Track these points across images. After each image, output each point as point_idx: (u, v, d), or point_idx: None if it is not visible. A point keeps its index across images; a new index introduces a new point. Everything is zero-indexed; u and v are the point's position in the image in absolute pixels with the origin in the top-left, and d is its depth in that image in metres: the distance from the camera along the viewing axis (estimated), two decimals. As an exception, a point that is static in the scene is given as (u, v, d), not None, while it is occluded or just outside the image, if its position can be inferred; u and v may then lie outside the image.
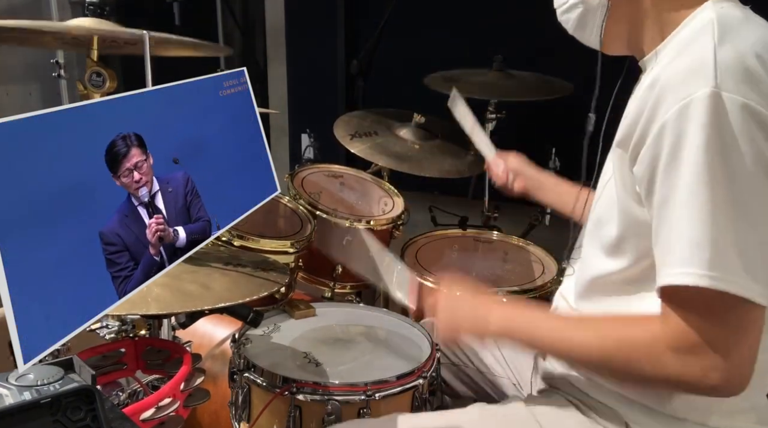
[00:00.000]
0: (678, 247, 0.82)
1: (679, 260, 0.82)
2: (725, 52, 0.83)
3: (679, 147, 0.82)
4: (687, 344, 0.84)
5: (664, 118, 0.83)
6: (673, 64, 0.87)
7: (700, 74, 0.82)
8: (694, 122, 0.80)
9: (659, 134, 0.84)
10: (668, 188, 0.84)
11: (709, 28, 0.86)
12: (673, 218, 0.83)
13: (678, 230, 0.83)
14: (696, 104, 0.80)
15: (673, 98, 0.83)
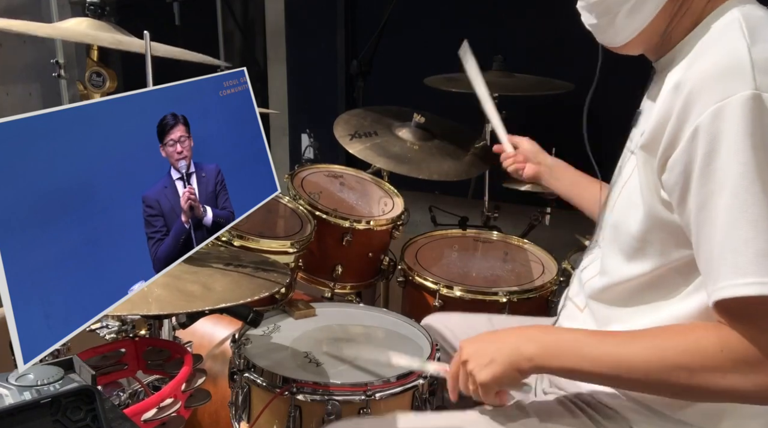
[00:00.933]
0: (735, 256, 0.78)
1: (737, 270, 0.78)
2: (760, 51, 0.80)
3: (716, 151, 0.79)
4: (755, 357, 0.80)
5: (698, 121, 0.80)
6: (700, 64, 0.84)
7: (737, 75, 0.79)
8: (733, 124, 0.77)
9: (692, 138, 0.81)
10: (707, 194, 0.80)
11: (736, 27, 0.84)
12: (720, 224, 0.79)
13: (732, 239, 0.78)
14: (735, 106, 0.77)
15: (707, 100, 0.79)
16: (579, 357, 0.91)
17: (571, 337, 0.96)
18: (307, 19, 3.33)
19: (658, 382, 0.87)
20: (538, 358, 0.93)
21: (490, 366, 0.96)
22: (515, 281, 1.79)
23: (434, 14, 2.91)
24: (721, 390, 0.83)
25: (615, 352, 0.89)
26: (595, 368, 0.90)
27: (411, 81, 2.40)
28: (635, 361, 0.88)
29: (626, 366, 0.88)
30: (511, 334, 0.99)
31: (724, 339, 0.82)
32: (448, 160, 1.99)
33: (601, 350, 0.90)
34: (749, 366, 0.81)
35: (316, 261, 1.87)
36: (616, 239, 1.02)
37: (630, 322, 0.99)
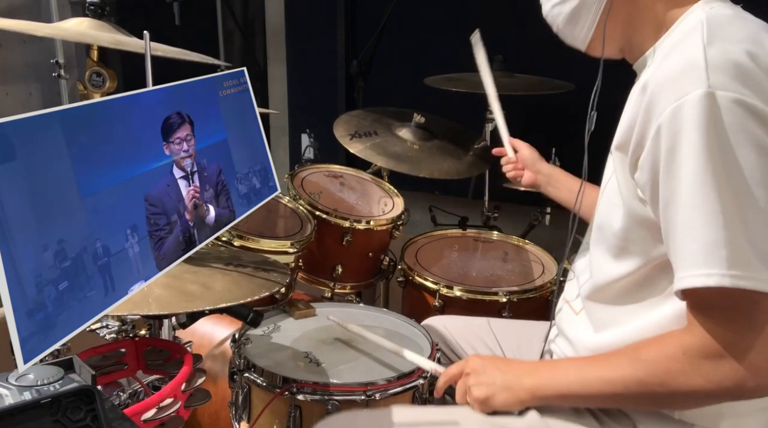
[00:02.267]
0: (692, 248, 0.82)
1: (695, 261, 0.81)
2: (715, 51, 0.83)
3: (676, 149, 0.82)
4: (715, 349, 0.83)
5: (659, 121, 0.83)
6: (663, 66, 0.87)
7: (692, 75, 0.82)
8: (689, 122, 0.80)
9: (655, 138, 0.84)
10: (671, 190, 0.84)
11: (698, 29, 0.87)
12: (681, 219, 0.83)
13: (689, 232, 0.82)
14: (690, 105, 0.80)
15: (666, 101, 0.83)
16: (568, 381, 0.97)
17: (562, 363, 1.05)
18: (307, 19, 3.33)
19: (637, 395, 0.92)
20: (535, 387, 1.00)
21: (489, 387, 1.02)
22: (515, 281, 1.79)
23: (434, 14, 2.91)
24: (693, 391, 0.86)
25: (598, 374, 0.95)
26: (584, 389, 0.96)
27: (411, 81, 2.40)
28: (614, 378, 0.93)
29: (608, 384, 0.93)
30: (515, 364, 1.07)
31: (684, 342, 0.86)
32: (449, 159, 1.99)
33: (587, 370, 0.97)
34: (709, 361, 0.84)
35: (316, 261, 1.87)
36: (601, 239, 1.04)
37: (625, 323, 1.00)
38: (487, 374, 1.03)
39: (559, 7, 1.05)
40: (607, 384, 0.93)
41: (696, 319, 0.85)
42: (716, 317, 0.83)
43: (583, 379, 0.96)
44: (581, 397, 0.98)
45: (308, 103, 3.42)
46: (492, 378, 1.02)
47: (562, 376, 0.98)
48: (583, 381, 0.96)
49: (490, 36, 2.71)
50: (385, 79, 2.80)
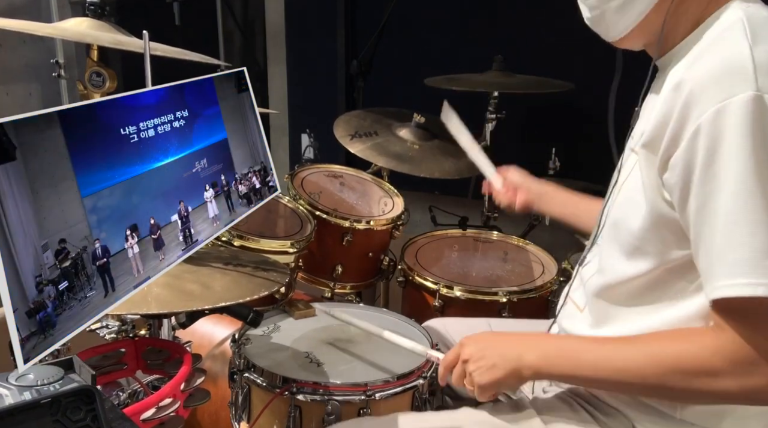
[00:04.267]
0: (734, 257, 0.79)
1: (741, 270, 0.79)
2: (761, 52, 0.80)
3: (717, 151, 0.79)
4: (748, 356, 0.82)
5: (699, 121, 0.80)
6: (702, 64, 0.84)
7: (738, 76, 0.79)
8: (734, 125, 0.78)
9: (693, 138, 0.81)
10: (708, 194, 0.81)
11: (739, 27, 0.84)
12: (721, 224, 0.80)
13: (732, 239, 0.79)
14: (736, 107, 0.78)
15: (708, 101, 0.80)
16: (578, 363, 0.94)
17: (571, 344, 0.99)
18: (307, 19, 3.33)
19: (654, 386, 0.90)
20: (540, 366, 0.96)
21: (491, 371, 0.98)
22: (515, 281, 1.79)
23: (434, 14, 2.90)
24: (715, 392, 0.85)
25: (612, 358, 0.92)
26: (594, 374, 0.93)
27: (411, 81, 2.40)
28: (632, 366, 0.90)
29: (623, 371, 0.91)
30: (513, 340, 1.02)
31: (717, 343, 0.84)
32: (449, 159, 1.99)
33: (599, 356, 0.93)
34: (741, 368, 0.82)
35: (316, 261, 1.87)
36: (615, 238, 1.01)
37: (630, 322, 0.99)
38: (486, 357, 0.99)
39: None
40: (621, 373, 0.91)
41: (730, 325, 0.83)
42: (753, 326, 0.81)
43: (594, 364, 0.93)
44: (588, 381, 0.95)
45: (308, 103, 3.42)
46: (491, 360, 0.98)
47: (570, 358, 0.95)
48: (594, 366, 0.93)
49: (490, 36, 2.72)
50: (385, 79, 2.80)
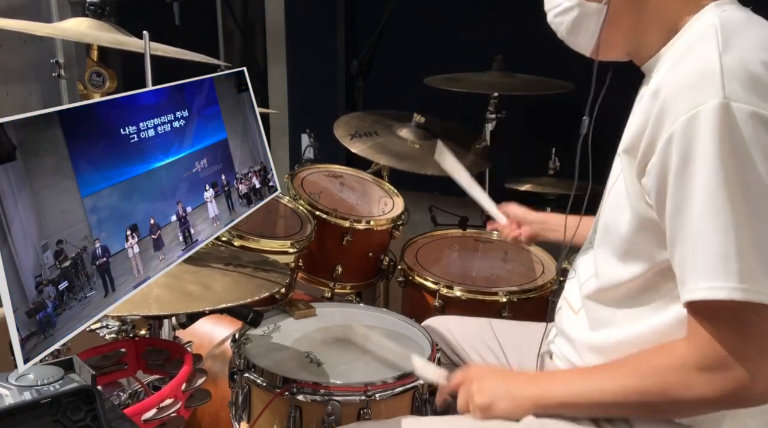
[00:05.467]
0: (702, 260, 0.81)
1: (706, 274, 0.81)
2: (731, 59, 0.82)
3: (689, 158, 0.81)
4: (717, 359, 0.83)
5: (671, 129, 0.82)
6: (676, 72, 0.86)
7: (707, 83, 0.80)
8: (703, 132, 0.79)
9: (667, 145, 0.83)
10: (680, 200, 0.83)
11: (711, 33, 0.85)
12: (691, 229, 0.82)
13: (699, 243, 0.81)
14: (705, 115, 0.79)
15: (680, 109, 0.82)
16: (571, 394, 0.98)
17: (563, 376, 1.05)
18: (307, 19, 3.33)
19: (638, 404, 0.93)
20: (537, 397, 1.00)
21: (490, 394, 1.02)
22: (515, 281, 1.79)
23: (434, 14, 2.90)
24: (695, 401, 0.87)
25: (599, 384, 0.96)
26: (585, 400, 0.97)
27: (411, 81, 2.40)
28: (615, 388, 0.94)
29: (610, 395, 0.94)
30: (518, 375, 1.12)
31: (684, 353, 0.87)
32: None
33: (588, 384, 0.97)
34: (711, 371, 0.84)
35: (316, 261, 1.87)
36: (607, 241, 1.03)
37: (623, 325, 1.00)
38: (489, 382, 1.04)
39: (561, 17, 1.04)
40: (608, 394, 0.94)
41: (699, 329, 0.85)
42: (721, 328, 0.83)
43: (583, 389, 0.97)
44: (583, 406, 0.99)
45: (308, 103, 3.42)
46: (494, 385, 1.03)
47: (563, 386, 0.99)
48: (584, 391, 0.97)
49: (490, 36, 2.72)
50: (385, 80, 2.80)
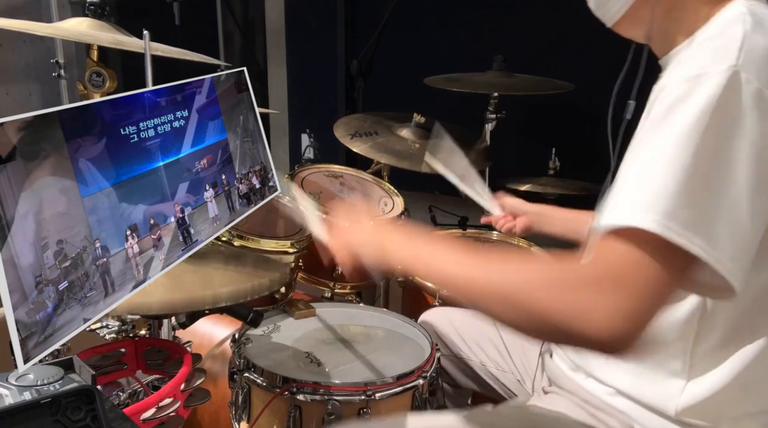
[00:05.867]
0: (646, 190, 0.77)
1: (643, 202, 0.77)
2: (756, 38, 0.81)
3: (678, 104, 0.78)
4: (609, 278, 0.77)
5: (676, 78, 0.80)
6: (699, 48, 0.85)
7: (723, 53, 0.79)
8: (704, 88, 0.77)
9: (662, 89, 0.81)
10: (648, 135, 0.80)
11: (740, 19, 0.84)
12: (649, 161, 0.79)
13: (651, 176, 0.78)
14: (711, 75, 0.78)
15: (691, 66, 0.80)
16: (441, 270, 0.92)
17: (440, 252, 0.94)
18: (307, 19, 3.33)
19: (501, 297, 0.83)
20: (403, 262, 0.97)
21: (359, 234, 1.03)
22: (515, 281, 1.79)
23: (434, 14, 2.91)
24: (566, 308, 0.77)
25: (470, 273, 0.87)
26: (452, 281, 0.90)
27: (411, 81, 2.40)
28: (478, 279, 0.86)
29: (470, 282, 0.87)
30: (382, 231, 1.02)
31: (574, 262, 0.82)
32: (449, 159, 1.98)
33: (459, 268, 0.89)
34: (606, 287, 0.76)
35: (316, 261, 1.87)
36: None
37: None
38: (362, 224, 1.04)
39: None
40: (469, 282, 0.87)
41: (607, 248, 0.79)
42: (627, 256, 0.77)
43: (453, 271, 0.89)
44: (448, 286, 0.92)
45: (308, 103, 3.42)
46: (365, 228, 1.03)
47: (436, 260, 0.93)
48: (453, 272, 0.90)
49: (490, 36, 2.72)
50: (385, 80, 2.81)
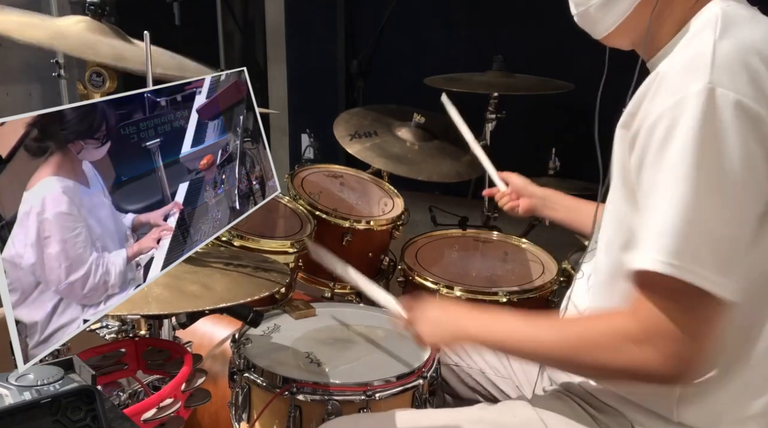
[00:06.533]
0: (651, 232, 0.83)
1: (649, 245, 0.83)
2: (724, 45, 0.83)
3: (669, 139, 0.82)
4: (650, 331, 0.85)
5: (660, 109, 0.83)
6: (676, 56, 0.88)
7: (697, 68, 0.82)
8: (686, 116, 0.80)
9: (653, 125, 0.84)
10: (653, 178, 0.84)
11: (712, 23, 0.86)
12: (653, 204, 0.84)
13: (655, 217, 0.83)
14: (690, 99, 0.80)
15: (670, 91, 0.83)
16: (506, 338, 1.02)
17: (503, 320, 1.06)
18: (307, 19, 3.33)
19: (568, 361, 0.97)
20: (475, 335, 1.06)
21: (434, 334, 1.09)
22: (515, 281, 1.79)
23: (434, 14, 2.91)
24: (625, 364, 0.89)
25: (534, 334, 0.99)
26: (519, 346, 1.02)
27: (411, 81, 2.40)
28: (548, 342, 0.98)
29: (542, 346, 0.98)
30: (459, 313, 1.11)
31: (622, 320, 0.90)
32: (448, 160, 1.99)
33: (524, 332, 1.00)
34: (651, 339, 0.85)
35: (316, 261, 1.87)
36: (617, 235, 1.01)
37: None
38: (436, 322, 1.09)
39: None
40: (543, 346, 0.98)
41: (641, 299, 0.86)
42: (660, 302, 0.84)
43: (523, 337, 1.00)
44: (517, 352, 1.05)
45: (308, 103, 3.42)
46: (439, 326, 1.08)
47: (497, 331, 1.03)
48: (523, 339, 1.00)
49: (490, 36, 2.72)
50: (385, 79, 2.81)
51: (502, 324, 1.05)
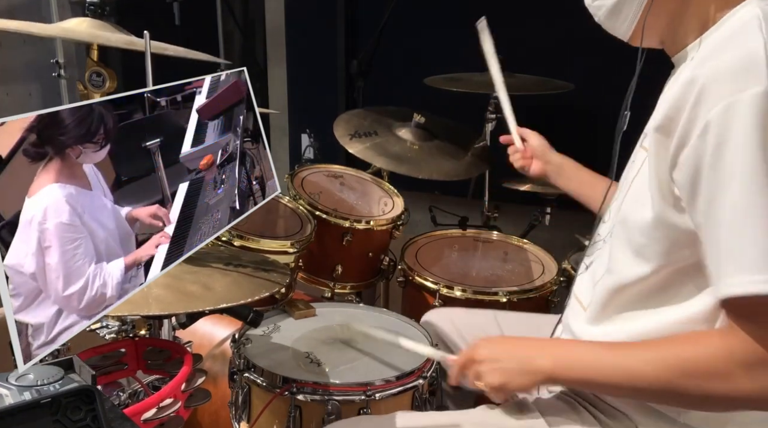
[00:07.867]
0: (742, 254, 0.78)
1: (750, 267, 0.78)
2: None
3: (725, 147, 0.78)
4: (762, 357, 0.80)
5: (708, 116, 0.79)
6: (717, 61, 0.84)
7: (751, 71, 0.78)
8: (742, 120, 0.77)
9: (703, 134, 0.80)
10: (715, 191, 0.80)
11: (755, 24, 0.83)
12: (727, 222, 0.79)
13: (741, 236, 0.78)
14: (745, 103, 0.77)
15: (718, 96, 0.79)
16: (589, 369, 0.94)
17: (582, 349, 0.98)
18: (307, 19, 3.32)
19: (664, 391, 0.88)
20: (552, 371, 0.96)
21: (504, 372, 0.99)
22: (515, 281, 1.79)
23: (434, 14, 2.90)
24: (730, 395, 0.84)
25: (623, 363, 0.91)
26: (605, 379, 0.93)
27: (411, 81, 2.40)
28: (641, 371, 0.89)
29: (634, 377, 0.90)
30: (526, 344, 1.03)
31: (729, 345, 0.83)
32: (448, 160, 1.98)
33: (610, 361, 0.92)
34: (756, 369, 0.81)
35: (316, 261, 1.87)
36: (624, 236, 1.00)
37: (631, 322, 0.98)
38: (500, 359, 1.00)
39: (600, 1, 1.02)
40: (632, 378, 0.90)
41: (740, 324, 0.82)
42: (763, 324, 0.80)
43: (604, 369, 0.93)
44: (600, 386, 0.96)
45: (308, 103, 3.42)
46: (505, 363, 0.99)
47: (581, 362, 0.95)
48: (605, 371, 0.92)
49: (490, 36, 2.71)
50: (385, 79, 2.80)
51: (581, 353, 0.96)
